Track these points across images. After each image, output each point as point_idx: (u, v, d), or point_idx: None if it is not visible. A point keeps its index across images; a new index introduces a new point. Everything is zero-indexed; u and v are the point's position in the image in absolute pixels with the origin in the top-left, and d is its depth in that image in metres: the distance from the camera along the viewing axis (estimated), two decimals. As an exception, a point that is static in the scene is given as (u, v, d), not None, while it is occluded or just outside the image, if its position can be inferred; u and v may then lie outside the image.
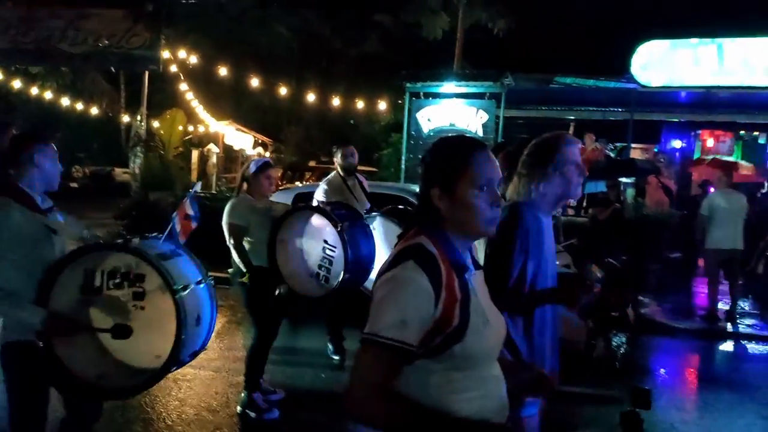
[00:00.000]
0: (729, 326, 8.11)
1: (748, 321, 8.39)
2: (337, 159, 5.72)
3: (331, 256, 4.40)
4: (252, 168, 4.67)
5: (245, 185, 4.67)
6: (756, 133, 15.22)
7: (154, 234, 3.05)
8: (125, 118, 21.23)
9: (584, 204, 12.43)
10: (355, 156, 5.72)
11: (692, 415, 5.16)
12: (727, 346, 7.56)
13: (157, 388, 4.95)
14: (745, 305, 8.99)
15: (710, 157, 15.18)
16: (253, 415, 4.51)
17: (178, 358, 2.64)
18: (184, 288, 2.69)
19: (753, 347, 7.28)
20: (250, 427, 4.44)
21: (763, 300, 8.45)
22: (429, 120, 11.84)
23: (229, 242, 4.50)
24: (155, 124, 18.42)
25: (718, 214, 8.22)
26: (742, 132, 15.17)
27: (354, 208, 5.08)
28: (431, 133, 11.66)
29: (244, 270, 4.46)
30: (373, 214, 5.04)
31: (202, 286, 2.91)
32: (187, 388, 5.06)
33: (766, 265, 4.99)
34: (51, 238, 2.79)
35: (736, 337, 7.78)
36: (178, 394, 4.91)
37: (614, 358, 6.48)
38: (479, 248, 2.63)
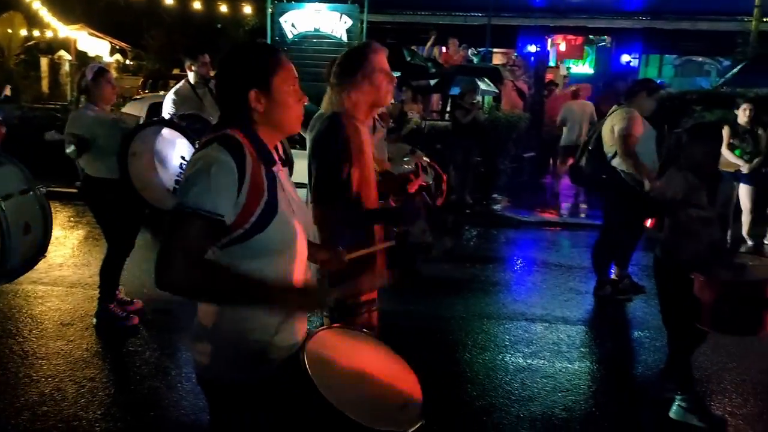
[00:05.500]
0: (566, 217, 9.27)
1: (582, 212, 9.52)
2: (189, 68, 5.60)
3: (189, 172, 4.40)
4: (89, 75, 4.51)
5: (84, 96, 4.54)
6: (605, 37, 16.19)
7: None
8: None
9: (448, 108, 12.93)
10: (207, 65, 5.62)
11: (521, 296, 5.83)
12: (564, 234, 8.42)
13: (6, 306, 4.90)
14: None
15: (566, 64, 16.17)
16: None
17: (6, 267, 2.68)
18: (6, 197, 2.72)
19: (583, 234, 8.14)
20: (107, 336, 4.53)
21: (587, 191, 9.42)
22: (293, 25, 11.57)
23: (69, 150, 4.38)
24: (-8, 28, 16.66)
25: (571, 117, 10.25)
26: (591, 36, 16.09)
27: (208, 121, 5.04)
28: (296, 39, 11.44)
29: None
30: None
31: (29, 194, 2.94)
32: (40, 304, 5.02)
33: (588, 159, 5.59)
34: None
35: (572, 226, 8.70)
36: (30, 311, 4.87)
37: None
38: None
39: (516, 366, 4.27)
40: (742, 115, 7.32)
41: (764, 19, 12.94)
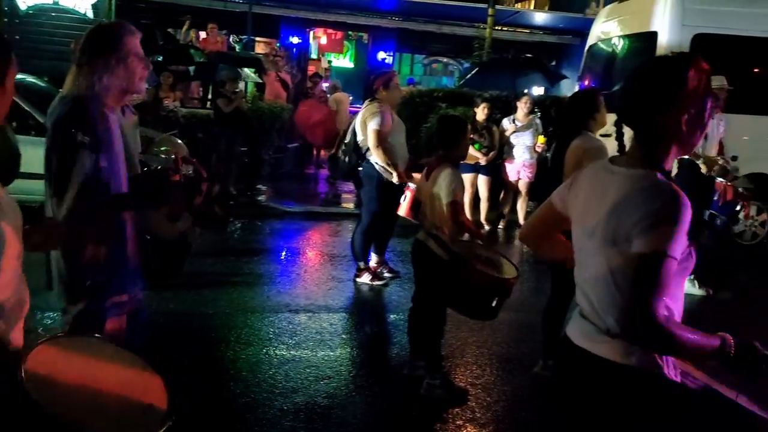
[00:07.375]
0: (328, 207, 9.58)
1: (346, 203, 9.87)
2: None
3: None
4: None
5: None
6: (362, 34, 16.97)
7: None
8: None
9: (209, 96, 12.50)
10: None
11: (285, 287, 5.86)
12: (326, 224, 8.64)
13: None
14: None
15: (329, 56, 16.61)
16: None
17: None
18: None
19: (345, 223, 8.44)
20: None
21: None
22: (26, -5, 10.25)
23: None
24: None
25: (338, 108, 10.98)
26: (350, 32, 16.76)
27: None
28: (30, 11, 10.12)
29: None
30: None
31: None
32: None
33: (344, 151, 5.86)
34: None
35: (334, 216, 8.99)
36: None
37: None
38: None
39: (280, 358, 4.29)
40: (480, 112, 8.19)
41: (496, 27, 14.58)
